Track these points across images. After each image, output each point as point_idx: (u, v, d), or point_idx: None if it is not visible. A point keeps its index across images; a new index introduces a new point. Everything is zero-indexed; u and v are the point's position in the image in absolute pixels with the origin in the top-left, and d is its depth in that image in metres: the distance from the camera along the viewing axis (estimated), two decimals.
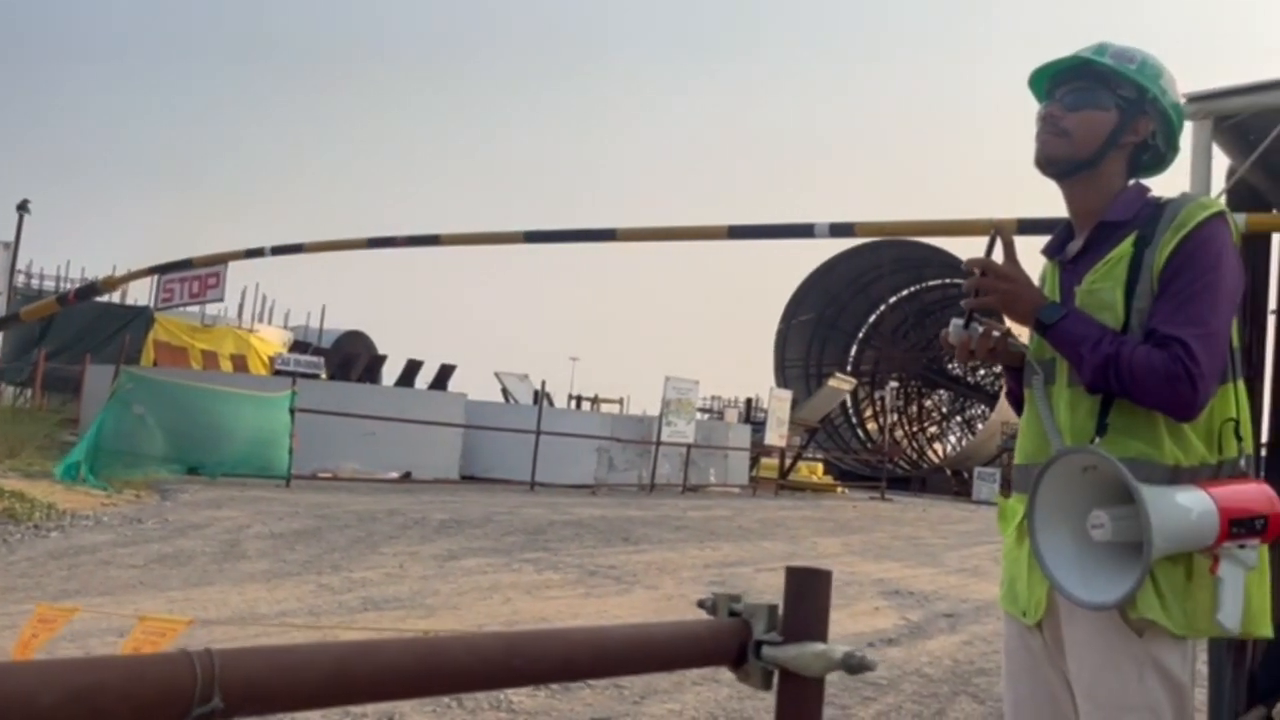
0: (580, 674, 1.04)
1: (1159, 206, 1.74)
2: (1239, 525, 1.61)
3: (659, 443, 19.07)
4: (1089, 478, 1.64)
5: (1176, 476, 1.64)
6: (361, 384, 19.05)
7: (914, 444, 40.94)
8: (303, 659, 0.83)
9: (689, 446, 19.88)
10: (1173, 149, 1.84)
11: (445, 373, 24.98)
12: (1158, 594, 1.62)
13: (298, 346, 22.51)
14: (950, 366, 42.77)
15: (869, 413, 37.59)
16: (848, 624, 7.14)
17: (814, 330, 35.00)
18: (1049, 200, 1.98)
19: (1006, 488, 1.97)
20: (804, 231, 3.28)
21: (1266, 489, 1.68)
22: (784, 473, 24.00)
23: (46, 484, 10.57)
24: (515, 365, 25.86)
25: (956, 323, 1.83)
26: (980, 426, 40.47)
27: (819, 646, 1.16)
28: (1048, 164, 1.80)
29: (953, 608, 8.17)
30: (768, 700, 1.20)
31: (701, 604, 1.35)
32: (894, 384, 33.97)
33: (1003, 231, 1.78)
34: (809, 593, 1.20)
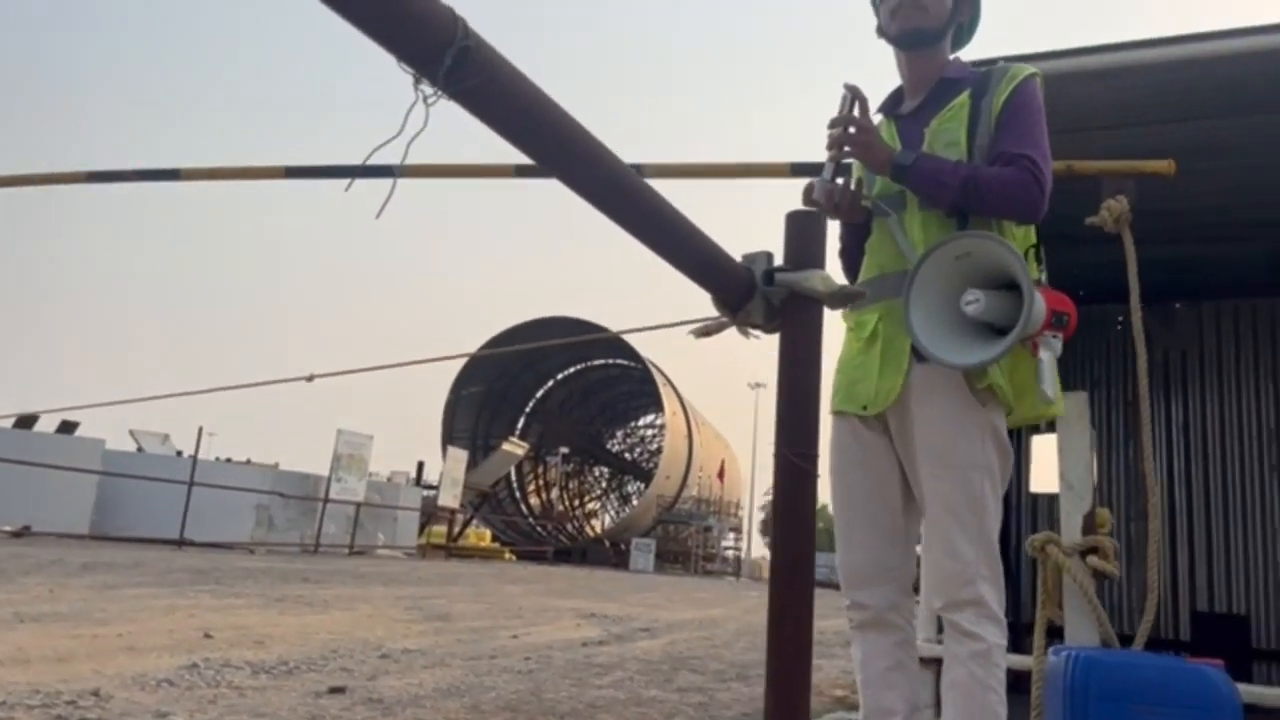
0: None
1: (984, 71, 2.12)
2: (1056, 318, 1.97)
3: (327, 500, 18.08)
4: (960, 265, 1.92)
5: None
6: None
7: (574, 517, 42.01)
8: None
9: (358, 505, 19.02)
10: (973, 31, 2.26)
11: (68, 429, 22.03)
12: (999, 368, 1.94)
13: None
14: (609, 445, 44.69)
15: (532, 486, 38.19)
16: (554, 634, 7.19)
17: (483, 402, 35.15)
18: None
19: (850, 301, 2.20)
20: None
21: (1064, 296, 2.07)
22: (454, 536, 23.60)
23: None
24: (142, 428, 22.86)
25: (823, 178, 2.04)
26: (636, 501, 42.48)
27: (822, 272, 1.29)
28: (913, 34, 2.11)
29: (648, 625, 8.49)
30: None
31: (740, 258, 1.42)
32: (564, 450, 34.79)
33: (857, 91, 2.05)
34: (806, 235, 1.33)
